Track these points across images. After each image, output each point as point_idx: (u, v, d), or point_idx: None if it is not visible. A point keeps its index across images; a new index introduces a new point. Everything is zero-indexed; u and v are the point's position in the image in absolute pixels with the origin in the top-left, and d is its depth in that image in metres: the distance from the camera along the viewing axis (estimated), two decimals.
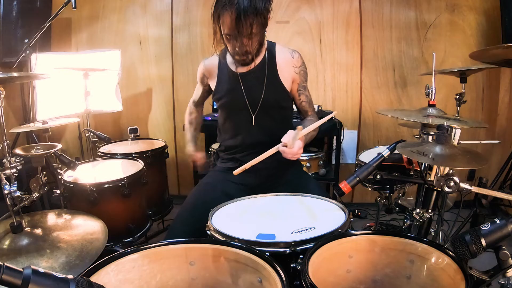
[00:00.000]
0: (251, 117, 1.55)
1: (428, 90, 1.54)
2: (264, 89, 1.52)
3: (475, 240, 0.79)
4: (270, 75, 1.53)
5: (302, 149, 1.34)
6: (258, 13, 1.29)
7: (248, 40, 1.36)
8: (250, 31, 1.32)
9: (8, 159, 1.28)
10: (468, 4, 2.70)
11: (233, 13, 1.27)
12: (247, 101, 1.53)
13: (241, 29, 1.30)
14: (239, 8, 1.25)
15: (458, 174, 1.07)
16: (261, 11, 1.30)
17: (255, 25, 1.31)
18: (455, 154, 1.04)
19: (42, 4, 2.77)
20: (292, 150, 1.28)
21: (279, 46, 1.58)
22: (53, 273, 0.58)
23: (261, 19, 1.32)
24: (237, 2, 1.25)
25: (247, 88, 1.53)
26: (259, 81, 1.52)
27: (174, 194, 2.94)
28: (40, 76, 1.84)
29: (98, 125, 3.15)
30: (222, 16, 1.31)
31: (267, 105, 1.54)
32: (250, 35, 1.34)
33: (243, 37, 1.33)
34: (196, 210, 1.40)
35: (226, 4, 1.28)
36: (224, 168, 1.64)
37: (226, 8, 1.28)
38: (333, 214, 1.19)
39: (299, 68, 1.58)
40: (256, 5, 1.28)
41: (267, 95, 1.53)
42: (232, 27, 1.30)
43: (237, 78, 1.52)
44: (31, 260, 1.09)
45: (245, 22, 1.28)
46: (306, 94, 1.63)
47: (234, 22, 1.28)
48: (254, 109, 1.54)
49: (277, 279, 0.78)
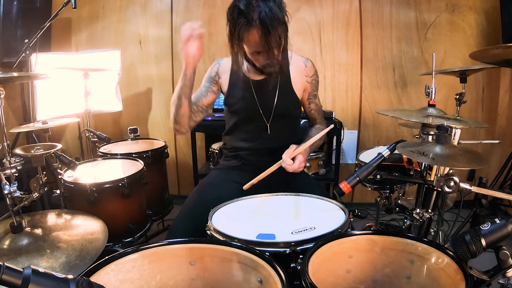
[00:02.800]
0: (266, 125, 1.55)
1: (428, 90, 1.54)
2: (277, 97, 1.52)
3: (475, 240, 0.79)
4: (283, 83, 1.53)
5: (304, 162, 1.39)
6: (281, 22, 1.28)
7: (278, 50, 1.34)
8: (280, 42, 1.30)
9: (8, 159, 1.29)
10: (468, 4, 2.70)
11: (260, 30, 1.24)
12: (260, 109, 1.53)
13: (272, 43, 1.27)
14: (265, 23, 1.22)
15: (458, 174, 1.07)
16: (283, 19, 1.29)
17: (283, 34, 1.31)
18: (455, 154, 1.04)
19: (42, 4, 2.77)
20: (293, 166, 1.35)
21: (291, 54, 1.57)
22: (53, 273, 0.58)
23: (285, 26, 1.32)
24: (260, 17, 1.22)
25: (260, 96, 1.52)
26: (272, 89, 1.52)
27: (174, 194, 2.94)
28: (40, 76, 1.85)
29: (98, 125, 3.15)
30: (246, 35, 1.27)
31: (280, 113, 1.54)
32: (280, 46, 1.33)
33: (274, 49, 1.31)
34: (196, 210, 1.40)
35: (245, 22, 1.23)
36: (227, 166, 1.65)
37: (250, 26, 1.24)
38: (333, 214, 1.19)
39: (311, 77, 1.58)
40: (278, 15, 1.25)
41: (280, 103, 1.53)
42: (262, 43, 1.28)
43: (250, 86, 1.51)
44: (31, 260, 1.09)
45: (274, 35, 1.26)
46: (316, 103, 1.65)
47: (264, 38, 1.26)
48: (268, 117, 1.54)
49: (277, 279, 0.78)
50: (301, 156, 1.38)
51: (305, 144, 1.40)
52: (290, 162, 1.35)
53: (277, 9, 1.26)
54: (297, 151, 1.38)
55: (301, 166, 1.37)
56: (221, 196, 1.34)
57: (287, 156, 1.35)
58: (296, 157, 1.38)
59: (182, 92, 1.38)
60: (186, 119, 1.45)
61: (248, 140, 1.59)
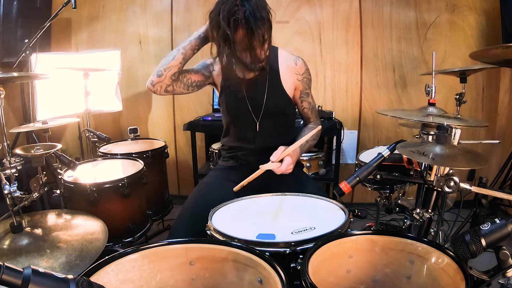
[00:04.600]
0: (255, 123, 1.55)
1: (428, 89, 1.54)
2: (266, 95, 1.52)
3: (475, 240, 0.79)
4: (272, 82, 1.53)
5: (293, 164, 1.40)
6: (265, 20, 1.30)
7: (262, 47, 1.37)
8: (263, 40, 1.33)
9: (8, 159, 1.29)
10: (468, 4, 2.70)
11: (244, 29, 1.27)
12: (250, 108, 1.54)
13: (255, 41, 1.31)
14: (248, 22, 1.25)
15: (458, 174, 1.07)
16: (267, 16, 1.32)
17: (266, 32, 1.33)
18: (455, 154, 1.03)
19: (42, 4, 2.77)
20: (280, 168, 1.36)
21: (282, 52, 1.58)
22: (53, 273, 0.58)
23: (268, 24, 1.33)
24: (244, 17, 1.25)
25: (250, 94, 1.53)
26: (261, 87, 1.53)
27: (174, 194, 2.94)
28: (40, 76, 1.85)
29: (98, 125, 3.15)
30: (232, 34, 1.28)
31: (270, 112, 1.54)
32: (264, 43, 1.35)
33: (257, 47, 1.34)
34: (197, 210, 1.40)
35: (230, 22, 1.26)
36: (225, 167, 1.66)
37: (235, 26, 1.27)
38: (333, 214, 1.19)
39: (302, 76, 1.58)
40: (262, 14, 1.28)
41: (269, 102, 1.53)
42: (246, 42, 1.31)
43: (240, 84, 1.52)
44: (31, 260, 1.09)
45: (258, 33, 1.29)
46: (308, 101, 1.64)
47: (247, 37, 1.29)
48: (258, 115, 1.54)
49: (277, 279, 0.78)
50: (289, 158, 1.38)
51: (293, 146, 1.40)
52: (277, 165, 1.36)
53: (261, 9, 1.29)
54: (285, 152, 1.38)
55: (289, 168, 1.38)
56: (221, 196, 1.34)
57: (275, 158, 1.36)
58: (284, 159, 1.38)
59: (186, 48, 1.44)
60: (169, 75, 1.45)
61: (241, 140, 1.60)
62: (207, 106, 3.06)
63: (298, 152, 1.49)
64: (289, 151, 1.38)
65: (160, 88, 1.47)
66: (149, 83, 1.47)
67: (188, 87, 1.54)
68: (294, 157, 1.42)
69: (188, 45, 1.45)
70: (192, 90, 1.56)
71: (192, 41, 1.46)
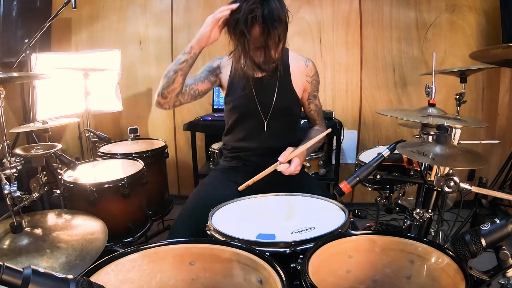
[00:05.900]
0: (263, 122, 1.55)
1: (428, 90, 1.54)
2: (276, 95, 1.53)
3: (475, 240, 0.79)
4: (283, 82, 1.54)
5: (300, 165, 1.41)
6: (283, 21, 1.32)
7: (277, 48, 1.38)
8: (278, 40, 1.34)
9: (8, 159, 1.29)
10: (468, 4, 2.70)
11: (261, 28, 1.29)
12: (259, 107, 1.53)
13: (270, 40, 1.32)
14: (266, 21, 1.27)
15: (458, 174, 1.07)
16: (285, 19, 1.33)
17: (282, 34, 1.34)
18: (455, 154, 1.04)
19: (42, 4, 2.77)
20: (289, 169, 1.36)
21: (292, 53, 1.59)
22: (53, 273, 0.58)
23: (285, 25, 1.35)
24: (262, 15, 1.26)
25: (259, 93, 1.53)
26: (271, 87, 1.53)
27: (174, 194, 2.94)
28: (40, 76, 1.85)
29: (98, 125, 3.15)
30: (249, 31, 1.30)
31: (279, 112, 1.54)
32: (279, 44, 1.36)
33: (272, 47, 1.35)
34: (197, 210, 1.40)
35: (248, 19, 1.27)
36: (227, 167, 1.65)
37: (253, 23, 1.28)
38: (333, 214, 1.19)
39: (312, 77, 1.59)
40: (280, 15, 1.30)
41: (279, 101, 1.53)
42: (261, 41, 1.32)
43: (250, 83, 1.52)
44: (31, 260, 1.09)
45: (274, 33, 1.30)
46: (315, 103, 1.65)
47: (264, 36, 1.30)
48: (266, 114, 1.54)
49: (277, 279, 0.78)
50: (297, 159, 1.38)
51: (302, 147, 1.40)
52: (285, 166, 1.37)
53: (280, 11, 1.30)
54: (293, 153, 1.38)
55: (297, 169, 1.38)
56: (221, 197, 1.34)
57: (283, 159, 1.36)
58: (292, 160, 1.38)
59: (181, 67, 1.39)
60: (174, 95, 1.46)
61: (246, 139, 1.59)
62: (207, 106, 3.06)
63: (305, 154, 1.49)
64: (297, 152, 1.38)
65: (168, 106, 1.51)
66: (157, 103, 1.52)
67: (196, 97, 1.56)
68: (301, 158, 1.42)
69: (183, 63, 1.39)
70: (200, 98, 1.59)
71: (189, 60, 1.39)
